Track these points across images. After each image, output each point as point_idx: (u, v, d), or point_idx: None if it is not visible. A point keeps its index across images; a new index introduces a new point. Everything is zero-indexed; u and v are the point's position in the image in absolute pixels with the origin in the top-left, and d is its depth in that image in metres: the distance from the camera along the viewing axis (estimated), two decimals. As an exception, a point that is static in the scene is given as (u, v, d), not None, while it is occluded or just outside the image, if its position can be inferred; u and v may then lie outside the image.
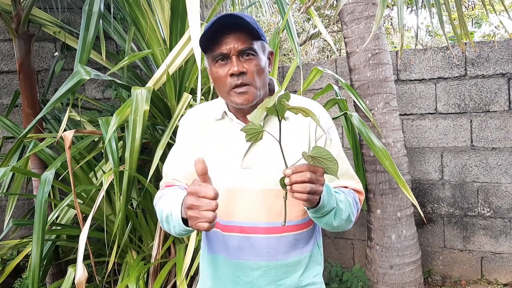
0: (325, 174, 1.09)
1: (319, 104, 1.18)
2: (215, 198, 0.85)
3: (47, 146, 2.25)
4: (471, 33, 3.51)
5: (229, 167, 1.09)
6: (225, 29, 1.01)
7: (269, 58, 1.12)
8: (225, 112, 1.14)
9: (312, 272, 1.16)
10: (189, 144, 1.17)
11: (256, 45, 1.05)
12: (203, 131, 1.15)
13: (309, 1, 2.15)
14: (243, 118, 1.12)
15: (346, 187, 1.16)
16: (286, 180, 0.87)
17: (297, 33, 4.70)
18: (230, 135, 1.12)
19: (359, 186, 1.18)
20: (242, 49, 1.02)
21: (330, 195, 0.98)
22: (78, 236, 1.89)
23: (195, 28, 1.66)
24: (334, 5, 4.43)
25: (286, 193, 0.90)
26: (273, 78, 1.20)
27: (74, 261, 2.02)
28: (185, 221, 0.95)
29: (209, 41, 1.03)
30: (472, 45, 2.49)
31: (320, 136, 1.11)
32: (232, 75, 1.03)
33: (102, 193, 1.87)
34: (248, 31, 1.01)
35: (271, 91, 1.15)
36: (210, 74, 1.09)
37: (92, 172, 2.35)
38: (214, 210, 0.84)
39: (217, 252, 1.16)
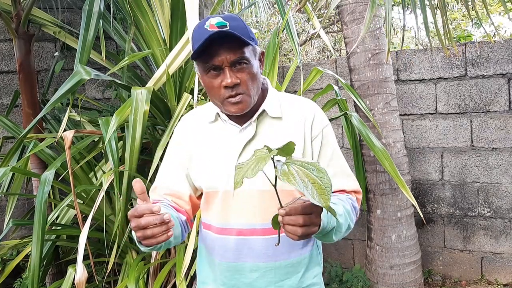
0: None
1: (314, 103, 1.17)
2: (153, 211, 0.86)
3: (47, 146, 2.25)
4: (468, 35, 3.52)
5: (224, 170, 1.09)
6: (215, 40, 0.99)
7: (260, 59, 1.10)
8: (218, 114, 1.13)
9: (312, 273, 1.16)
10: (179, 156, 1.16)
11: (248, 52, 1.02)
12: (197, 136, 1.15)
13: (300, 1, 2.14)
14: (236, 119, 1.11)
15: (344, 190, 1.13)
16: (280, 218, 0.85)
17: (297, 33, 4.70)
18: (224, 136, 1.11)
19: (356, 185, 1.16)
20: (234, 60, 1.00)
21: (329, 218, 0.94)
22: (78, 236, 1.89)
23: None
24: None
25: (279, 229, 0.88)
26: (266, 78, 1.18)
27: (74, 261, 2.02)
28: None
29: (200, 52, 1.01)
30: (455, 51, 2.44)
31: (316, 135, 1.10)
32: (226, 87, 1.01)
33: (102, 193, 1.87)
34: (238, 39, 0.99)
35: (264, 91, 1.14)
36: (201, 81, 1.08)
37: (92, 172, 2.35)
38: (162, 223, 0.86)
39: (212, 256, 1.15)
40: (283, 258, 1.10)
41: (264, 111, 1.11)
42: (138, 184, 0.88)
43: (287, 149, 0.77)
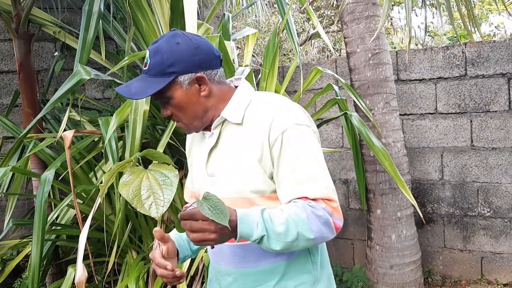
0: (277, 183, 1.04)
1: (286, 103, 1.08)
2: (167, 268, 1.01)
3: (47, 146, 2.25)
4: (472, 33, 3.51)
5: (200, 175, 1.15)
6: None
7: (197, 83, 1.04)
8: None
9: (293, 281, 1.09)
10: (188, 160, 1.26)
11: (168, 90, 1.03)
12: (189, 141, 1.26)
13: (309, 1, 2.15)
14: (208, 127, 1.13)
15: (305, 197, 0.98)
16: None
17: (297, 33, 4.70)
18: (200, 144, 1.18)
19: (325, 192, 1.00)
20: (156, 99, 1.09)
21: (253, 226, 0.90)
22: (78, 236, 1.89)
23: (192, 29, 1.67)
24: (334, 5, 4.43)
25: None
26: (240, 78, 1.14)
27: (74, 261, 2.02)
28: None
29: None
30: (481, 41, 2.42)
31: (274, 141, 1.01)
32: None
33: (102, 193, 1.87)
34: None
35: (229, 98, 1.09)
36: None
37: (92, 172, 2.36)
38: (173, 278, 1.03)
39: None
40: (251, 266, 1.09)
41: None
42: (157, 233, 1.00)
43: (149, 155, 0.94)
